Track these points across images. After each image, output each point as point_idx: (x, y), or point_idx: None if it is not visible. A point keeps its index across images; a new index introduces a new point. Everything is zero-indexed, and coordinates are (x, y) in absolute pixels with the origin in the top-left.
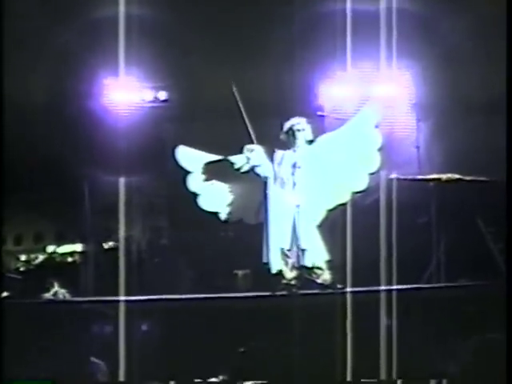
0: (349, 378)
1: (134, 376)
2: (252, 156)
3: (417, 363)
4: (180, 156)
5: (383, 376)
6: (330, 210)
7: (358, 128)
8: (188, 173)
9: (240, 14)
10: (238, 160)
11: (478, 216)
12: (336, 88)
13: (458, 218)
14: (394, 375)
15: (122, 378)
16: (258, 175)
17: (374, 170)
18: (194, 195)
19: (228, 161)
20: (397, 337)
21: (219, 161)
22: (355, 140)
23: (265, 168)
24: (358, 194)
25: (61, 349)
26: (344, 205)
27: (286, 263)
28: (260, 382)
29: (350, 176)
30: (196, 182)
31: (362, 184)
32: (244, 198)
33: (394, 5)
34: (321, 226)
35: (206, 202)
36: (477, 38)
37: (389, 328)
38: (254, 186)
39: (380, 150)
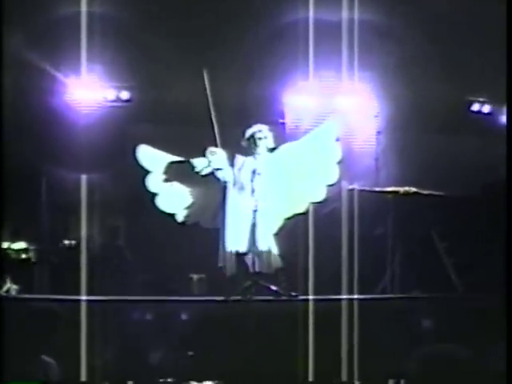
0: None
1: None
2: (214, 159)
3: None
4: (141, 155)
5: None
6: (287, 219)
7: (319, 140)
8: (148, 172)
9: (204, 20)
10: (199, 162)
11: (432, 230)
12: (298, 97)
13: (413, 230)
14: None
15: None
16: (217, 179)
17: (332, 182)
18: (153, 195)
19: (189, 162)
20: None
21: (180, 162)
22: (315, 152)
23: (225, 172)
24: (316, 205)
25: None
26: (301, 214)
27: (242, 268)
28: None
29: (308, 186)
30: (155, 182)
31: (320, 195)
32: (202, 202)
33: (356, 16)
34: (277, 234)
35: (164, 203)
36: (441, 52)
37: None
38: (212, 190)
39: (339, 163)
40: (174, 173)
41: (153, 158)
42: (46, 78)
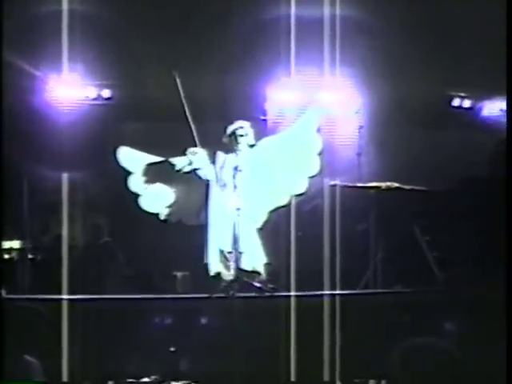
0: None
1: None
2: (195, 159)
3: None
4: (121, 157)
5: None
6: (271, 212)
7: (299, 132)
8: (129, 173)
9: (185, 16)
10: (179, 162)
11: (415, 224)
12: (280, 93)
13: (395, 225)
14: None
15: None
16: (199, 177)
17: (313, 173)
18: (135, 195)
19: (169, 162)
20: (329, 341)
21: (161, 162)
22: (296, 143)
23: (207, 171)
24: (299, 198)
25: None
26: (284, 207)
27: (226, 265)
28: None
29: (289, 179)
30: (137, 183)
31: (302, 187)
32: (185, 199)
33: (338, 12)
34: (262, 229)
35: (147, 203)
36: (422, 48)
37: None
38: (195, 188)
39: (320, 154)
40: (156, 173)
41: (134, 160)
42: (27, 77)
